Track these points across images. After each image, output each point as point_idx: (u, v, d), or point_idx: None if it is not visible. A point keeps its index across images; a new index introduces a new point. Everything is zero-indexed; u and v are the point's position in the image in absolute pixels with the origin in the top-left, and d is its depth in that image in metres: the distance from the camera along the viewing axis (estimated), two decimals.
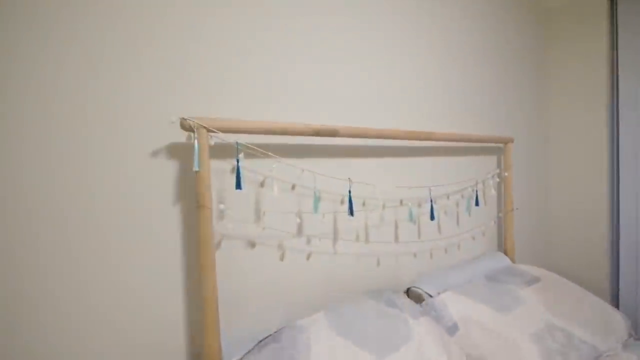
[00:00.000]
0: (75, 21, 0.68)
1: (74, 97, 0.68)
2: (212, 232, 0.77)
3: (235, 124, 0.79)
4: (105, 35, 0.71)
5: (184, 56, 0.80)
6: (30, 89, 0.64)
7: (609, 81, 1.65)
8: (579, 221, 1.75)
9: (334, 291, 1.07)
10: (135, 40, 0.74)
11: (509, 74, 1.64)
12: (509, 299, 1.13)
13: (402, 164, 1.23)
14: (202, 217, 0.75)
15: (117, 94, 0.73)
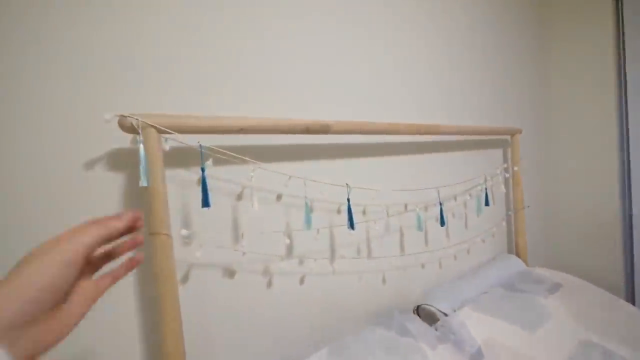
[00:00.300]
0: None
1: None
2: (172, 265, 0.58)
3: (197, 121, 0.60)
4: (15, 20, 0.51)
5: (126, 39, 0.60)
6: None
7: (616, 67, 1.54)
8: (588, 217, 1.64)
9: (335, 319, 0.89)
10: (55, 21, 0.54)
11: (511, 63, 1.50)
12: (533, 313, 0.99)
13: (404, 164, 1.06)
14: (158, 248, 0.56)
15: (33, 92, 0.53)
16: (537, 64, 1.68)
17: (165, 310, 0.57)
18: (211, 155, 0.65)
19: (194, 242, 0.66)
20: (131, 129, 0.54)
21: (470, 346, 0.88)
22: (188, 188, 0.67)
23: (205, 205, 0.60)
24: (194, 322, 0.67)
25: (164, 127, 0.56)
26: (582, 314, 1.02)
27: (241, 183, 0.74)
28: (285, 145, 0.80)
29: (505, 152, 1.46)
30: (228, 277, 0.73)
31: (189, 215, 0.67)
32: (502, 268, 1.25)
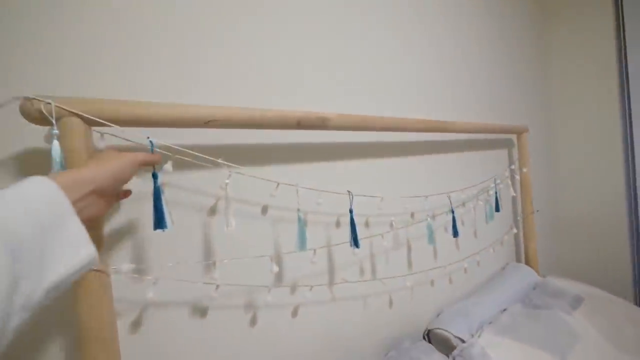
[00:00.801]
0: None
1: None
2: (110, 314, 0.40)
3: (148, 109, 0.43)
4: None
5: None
6: None
7: (618, 63, 1.47)
8: (595, 219, 1.56)
9: (338, 355, 0.73)
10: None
11: (515, 62, 1.41)
12: (561, 335, 0.86)
13: (409, 167, 0.92)
14: (88, 290, 0.38)
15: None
16: (541, 64, 1.60)
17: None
18: (170, 156, 0.48)
19: (148, 278, 0.49)
20: (41, 118, 0.36)
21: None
22: (138, 202, 0.50)
23: (160, 227, 0.43)
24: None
25: (95, 117, 0.39)
26: (611, 332, 0.90)
27: (214, 194, 0.57)
28: (270, 145, 0.64)
29: (510, 153, 1.36)
30: (198, 316, 0.55)
31: (139, 241, 0.49)
32: (515, 280, 1.13)
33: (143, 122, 0.43)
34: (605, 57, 1.50)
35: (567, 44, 1.60)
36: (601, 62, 1.51)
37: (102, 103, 0.40)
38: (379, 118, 0.71)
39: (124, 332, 0.48)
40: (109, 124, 0.40)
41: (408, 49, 0.94)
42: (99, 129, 0.42)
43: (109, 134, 0.43)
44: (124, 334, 0.48)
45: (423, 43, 0.98)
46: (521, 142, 1.26)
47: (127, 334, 0.48)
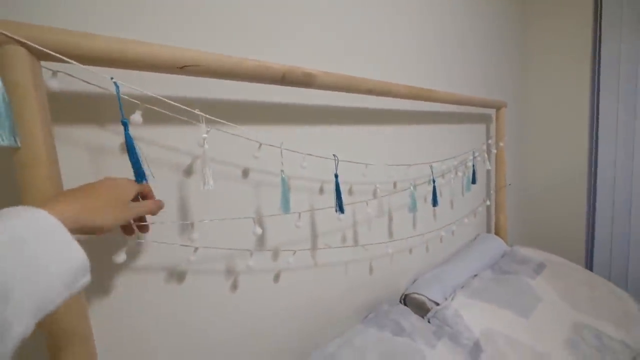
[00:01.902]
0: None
1: None
2: None
3: (110, 44, 0.37)
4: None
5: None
6: None
7: (592, 51, 1.52)
8: (558, 194, 1.67)
9: (319, 319, 0.74)
10: None
11: (495, 39, 1.40)
12: (525, 297, 0.93)
13: (391, 136, 0.91)
14: None
15: None
16: (518, 41, 1.61)
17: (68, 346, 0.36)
18: (140, 106, 0.42)
19: (116, 237, 0.45)
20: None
21: (467, 339, 0.78)
22: (104, 156, 0.45)
23: (141, 178, 0.39)
24: (128, 349, 0.47)
25: (45, 48, 0.33)
26: (569, 294, 0.99)
27: (191, 152, 0.53)
28: (252, 103, 0.60)
29: (488, 127, 1.39)
30: (176, 282, 0.53)
31: None
32: (485, 249, 1.20)
33: (109, 61, 0.37)
34: (582, 41, 1.54)
35: (546, 26, 1.62)
36: (577, 45, 1.55)
37: (56, 32, 0.34)
38: (365, 80, 0.68)
39: (94, 297, 0.44)
40: (63, 57, 0.34)
41: (399, 17, 0.90)
42: (51, 65, 0.36)
43: (64, 73, 0.37)
44: (94, 299, 0.44)
45: (414, 14, 0.94)
46: (499, 117, 1.29)
47: (98, 299, 0.45)
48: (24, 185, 0.33)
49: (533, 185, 1.74)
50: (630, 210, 1.49)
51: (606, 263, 1.57)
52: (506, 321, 0.84)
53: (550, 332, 0.83)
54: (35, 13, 0.39)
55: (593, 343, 0.83)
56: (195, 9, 0.52)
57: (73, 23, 0.41)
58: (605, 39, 1.46)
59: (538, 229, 1.75)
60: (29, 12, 0.38)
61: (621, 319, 0.94)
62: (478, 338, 0.79)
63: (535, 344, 0.79)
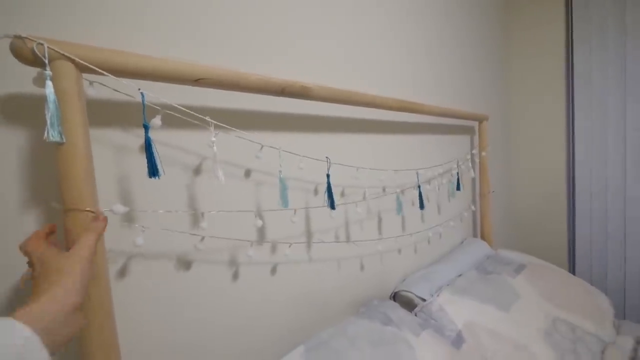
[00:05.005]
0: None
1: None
2: (102, 254, 0.42)
3: (140, 61, 0.44)
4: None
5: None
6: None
7: (566, 65, 1.65)
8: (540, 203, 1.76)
9: (312, 311, 0.79)
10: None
11: (479, 55, 1.53)
12: (505, 293, 1.00)
13: (381, 144, 0.99)
14: (78, 229, 0.40)
15: None
16: (501, 59, 1.74)
17: (93, 314, 0.41)
18: (160, 111, 0.49)
19: (136, 225, 0.51)
20: (33, 59, 0.37)
21: (451, 330, 0.84)
22: (127, 155, 0.51)
23: (153, 174, 0.45)
24: (135, 328, 0.52)
25: (87, 63, 0.40)
26: (546, 291, 1.06)
27: (199, 153, 0.59)
28: (254, 112, 0.67)
29: (472, 138, 1.49)
30: (183, 269, 0.58)
31: (127, 191, 0.51)
32: (471, 252, 1.27)
33: (137, 74, 0.44)
34: (556, 59, 1.67)
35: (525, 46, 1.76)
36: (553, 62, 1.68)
37: (96, 50, 0.41)
38: (358, 93, 0.76)
39: (112, 278, 0.50)
40: (101, 71, 0.41)
41: (391, 33, 1.00)
42: (89, 77, 0.43)
43: (99, 83, 0.44)
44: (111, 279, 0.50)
45: (405, 32, 1.05)
46: (482, 128, 1.38)
47: (114, 280, 0.50)
48: (63, 174, 0.39)
49: (518, 193, 1.84)
50: (607, 214, 1.58)
51: (587, 264, 1.65)
52: (487, 315, 0.90)
53: (528, 325, 0.89)
54: (79, 32, 0.46)
55: (567, 335, 0.89)
56: (212, 31, 0.60)
57: (108, 41, 0.48)
58: (577, 56, 1.59)
59: (523, 233, 1.84)
60: (73, 30, 0.46)
61: (594, 314, 1.01)
62: (460, 330, 0.85)
63: (514, 336, 0.85)
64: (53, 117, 0.37)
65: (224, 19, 0.62)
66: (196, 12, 0.58)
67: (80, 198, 0.40)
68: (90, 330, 0.41)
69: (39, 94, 0.42)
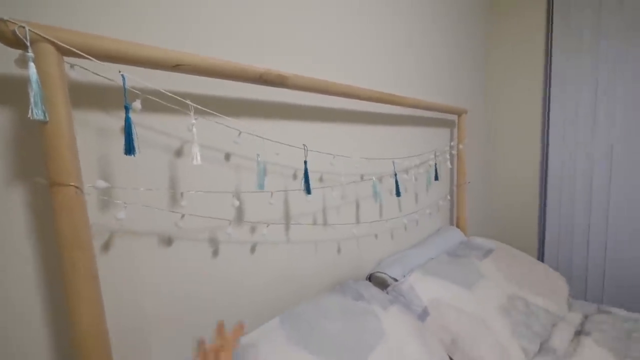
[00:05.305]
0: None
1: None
2: (85, 227, 0.45)
3: (119, 45, 0.47)
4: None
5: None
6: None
7: (544, 64, 1.72)
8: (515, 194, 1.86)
9: (290, 290, 0.85)
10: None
11: (462, 53, 1.57)
12: (471, 274, 1.08)
13: (359, 133, 1.04)
14: (63, 202, 0.43)
15: None
16: (483, 55, 1.79)
17: (79, 281, 0.45)
18: (140, 95, 0.52)
19: (118, 201, 0.54)
20: (15, 40, 0.39)
21: (418, 305, 0.92)
22: (108, 136, 0.54)
23: (130, 152, 0.48)
24: (120, 300, 0.56)
25: (68, 46, 0.42)
26: (509, 273, 1.14)
27: (180, 136, 0.63)
28: (234, 99, 0.71)
29: (452, 131, 1.55)
30: (165, 245, 0.62)
31: (108, 169, 0.54)
32: (445, 238, 1.34)
33: (115, 58, 0.47)
34: (536, 57, 1.74)
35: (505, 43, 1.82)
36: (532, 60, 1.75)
37: (76, 34, 0.43)
38: (334, 83, 0.80)
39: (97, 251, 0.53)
40: (82, 54, 0.44)
41: (372, 25, 1.03)
42: (70, 60, 0.45)
43: (80, 67, 0.47)
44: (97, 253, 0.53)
45: (386, 24, 1.08)
46: (460, 122, 1.44)
47: (99, 254, 0.54)
48: (48, 152, 0.42)
49: (494, 184, 1.93)
50: (574, 206, 1.69)
51: (554, 251, 1.76)
52: (451, 292, 0.97)
53: (488, 301, 0.97)
54: (60, 15, 0.48)
55: (521, 309, 0.98)
56: (195, 17, 0.62)
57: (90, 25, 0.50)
58: (555, 56, 1.67)
59: (498, 222, 1.94)
60: (55, 14, 0.48)
61: (549, 293, 1.10)
62: (426, 305, 0.92)
63: (474, 310, 0.93)
64: (36, 96, 0.40)
65: (208, 9, 0.64)
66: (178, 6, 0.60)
67: (64, 173, 0.43)
68: (78, 298, 0.45)
69: (20, 75, 0.45)
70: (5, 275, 0.46)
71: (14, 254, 0.47)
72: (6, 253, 0.46)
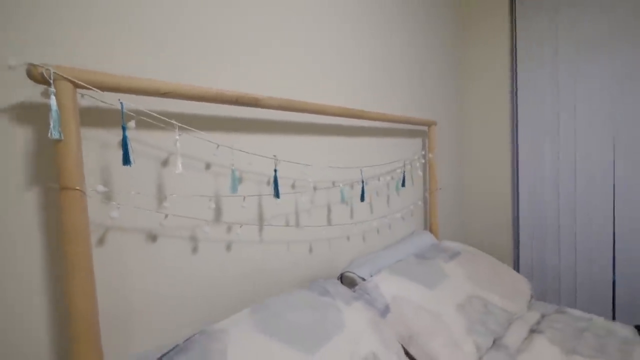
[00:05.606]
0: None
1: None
2: (85, 223, 0.58)
3: (117, 79, 0.61)
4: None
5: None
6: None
7: (511, 76, 1.88)
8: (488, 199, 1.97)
9: (262, 285, 0.96)
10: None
11: (432, 65, 1.73)
12: (435, 274, 1.18)
13: (332, 144, 1.17)
14: (68, 203, 0.56)
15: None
16: (453, 68, 1.95)
17: (76, 270, 0.56)
18: (134, 117, 0.66)
19: (113, 203, 0.67)
20: (42, 79, 0.53)
21: (381, 303, 1.02)
22: (109, 150, 0.67)
23: (126, 163, 0.61)
24: (110, 287, 0.67)
25: (80, 82, 0.56)
26: (473, 275, 1.24)
27: (167, 149, 0.76)
28: (215, 117, 0.84)
29: (424, 141, 1.68)
30: (150, 241, 0.74)
31: (107, 176, 0.67)
32: (416, 242, 1.45)
33: (115, 89, 0.61)
34: (503, 70, 1.90)
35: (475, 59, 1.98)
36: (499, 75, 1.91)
37: (86, 72, 0.57)
38: (303, 102, 0.94)
39: (93, 245, 0.65)
40: (90, 87, 0.57)
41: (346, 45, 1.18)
42: (82, 91, 0.59)
43: (89, 95, 0.60)
44: (93, 246, 0.65)
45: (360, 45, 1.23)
46: (430, 132, 1.58)
47: (95, 246, 0.66)
48: (60, 163, 0.55)
49: (469, 192, 2.05)
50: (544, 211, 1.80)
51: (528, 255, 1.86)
52: (413, 291, 1.07)
53: (447, 300, 1.07)
54: (75, 56, 0.62)
55: (479, 308, 1.08)
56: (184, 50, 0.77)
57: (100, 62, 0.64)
58: (520, 70, 1.83)
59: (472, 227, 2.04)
60: (71, 56, 0.62)
61: (510, 294, 1.20)
62: (389, 303, 1.02)
63: (433, 308, 1.03)
64: (55, 121, 0.53)
65: (189, 41, 0.79)
66: (167, 36, 0.75)
67: (71, 180, 0.56)
68: (74, 283, 0.56)
69: (42, 103, 0.58)
70: (20, 259, 0.58)
71: (28, 242, 0.59)
72: (22, 242, 0.58)
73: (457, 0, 1.95)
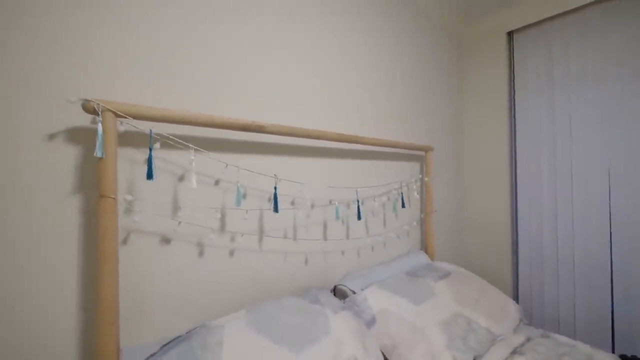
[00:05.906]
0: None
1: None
2: (115, 225, 0.71)
3: (148, 110, 0.75)
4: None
5: (92, 32, 0.75)
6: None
7: (508, 104, 1.97)
8: (487, 225, 2.02)
9: (260, 291, 1.06)
10: (31, 9, 0.68)
11: (431, 92, 1.85)
12: (423, 292, 1.24)
13: (331, 165, 1.29)
14: (104, 208, 0.69)
15: (5, 70, 0.65)
16: (452, 95, 2.06)
17: (105, 263, 0.69)
18: (159, 139, 0.80)
19: (136, 208, 0.80)
20: (92, 111, 0.68)
21: (368, 314, 1.09)
22: (136, 165, 0.81)
23: (149, 177, 0.75)
24: (129, 281, 0.80)
25: (120, 112, 0.71)
26: (460, 295, 1.30)
27: (184, 167, 0.89)
28: (225, 140, 0.98)
29: (422, 165, 1.78)
30: (164, 244, 0.86)
31: (134, 187, 0.81)
32: (410, 260, 1.52)
33: (146, 118, 0.75)
34: (501, 98, 1.99)
35: (473, 87, 2.08)
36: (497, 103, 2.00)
37: (125, 105, 0.72)
38: (304, 129, 1.07)
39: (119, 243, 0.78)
40: (127, 116, 0.72)
41: (353, 73, 1.32)
42: (121, 119, 0.74)
43: (126, 123, 0.75)
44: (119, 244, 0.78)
45: (363, 74, 1.37)
46: (427, 157, 1.68)
47: (120, 245, 0.79)
48: (101, 177, 0.69)
49: (467, 216, 2.10)
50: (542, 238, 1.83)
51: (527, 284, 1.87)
52: (400, 306, 1.14)
53: (432, 316, 1.13)
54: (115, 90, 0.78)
55: (462, 326, 1.13)
56: (201, 86, 0.92)
57: (140, 96, 0.79)
58: (518, 99, 1.91)
59: (470, 252, 2.08)
60: (113, 90, 0.77)
61: (496, 315, 1.24)
62: (375, 314, 1.10)
63: (416, 322, 1.09)
64: (100, 143, 0.68)
65: (207, 76, 0.94)
66: (190, 72, 0.90)
67: (108, 190, 0.69)
68: (103, 274, 0.69)
69: (90, 128, 0.73)
70: (62, 253, 0.72)
71: (69, 241, 0.72)
72: (65, 240, 0.72)
73: (456, 30, 2.09)
